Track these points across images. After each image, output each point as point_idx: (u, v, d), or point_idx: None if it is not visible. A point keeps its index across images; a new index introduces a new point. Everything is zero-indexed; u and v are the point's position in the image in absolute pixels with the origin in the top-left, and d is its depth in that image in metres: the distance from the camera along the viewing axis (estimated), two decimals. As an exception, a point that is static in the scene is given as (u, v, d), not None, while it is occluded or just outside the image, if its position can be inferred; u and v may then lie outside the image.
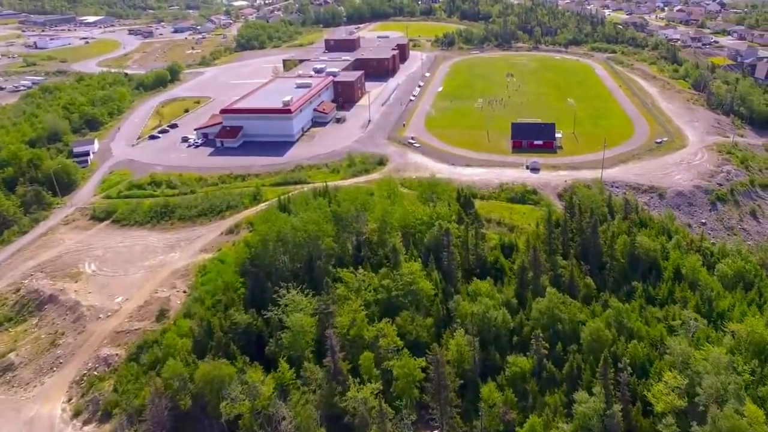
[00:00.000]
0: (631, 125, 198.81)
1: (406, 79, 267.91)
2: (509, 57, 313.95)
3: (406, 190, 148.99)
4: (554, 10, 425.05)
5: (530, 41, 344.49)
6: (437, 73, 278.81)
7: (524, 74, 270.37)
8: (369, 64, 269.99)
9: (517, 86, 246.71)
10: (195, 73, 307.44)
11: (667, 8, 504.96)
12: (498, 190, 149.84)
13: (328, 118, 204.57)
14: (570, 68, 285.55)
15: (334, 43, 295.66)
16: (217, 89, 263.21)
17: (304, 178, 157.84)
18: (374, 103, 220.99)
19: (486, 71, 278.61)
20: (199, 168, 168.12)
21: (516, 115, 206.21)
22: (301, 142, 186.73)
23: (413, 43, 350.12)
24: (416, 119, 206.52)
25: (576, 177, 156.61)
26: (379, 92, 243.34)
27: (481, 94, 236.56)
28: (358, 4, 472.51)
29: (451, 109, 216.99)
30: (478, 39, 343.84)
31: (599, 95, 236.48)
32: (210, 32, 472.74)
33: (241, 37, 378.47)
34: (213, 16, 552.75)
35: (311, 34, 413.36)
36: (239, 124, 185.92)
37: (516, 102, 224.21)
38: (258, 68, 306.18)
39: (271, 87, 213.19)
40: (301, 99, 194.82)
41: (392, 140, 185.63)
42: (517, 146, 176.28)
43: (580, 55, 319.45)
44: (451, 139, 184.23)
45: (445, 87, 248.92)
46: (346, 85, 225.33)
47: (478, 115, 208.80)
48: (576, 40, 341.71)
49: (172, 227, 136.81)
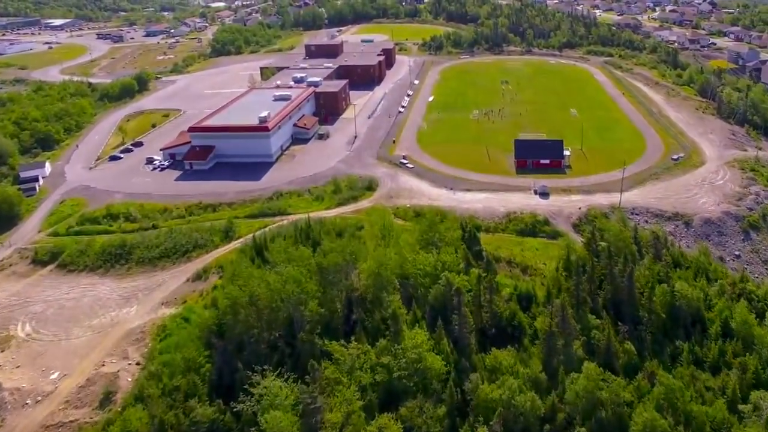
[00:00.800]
0: (642, 139, 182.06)
1: (393, 87, 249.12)
2: (502, 61, 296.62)
3: (400, 222, 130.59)
4: (545, 11, 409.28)
5: (522, 44, 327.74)
6: (427, 80, 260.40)
7: (519, 81, 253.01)
8: (353, 72, 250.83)
9: (514, 94, 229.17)
10: (166, 81, 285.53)
11: (659, 8, 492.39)
12: (505, 221, 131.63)
13: (310, 134, 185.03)
14: (567, 74, 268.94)
15: (315, 48, 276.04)
16: (188, 100, 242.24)
17: (284, 208, 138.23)
18: (360, 116, 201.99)
19: (479, 78, 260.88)
20: (163, 196, 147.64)
21: (516, 128, 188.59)
22: (280, 162, 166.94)
23: (399, 47, 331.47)
24: (407, 134, 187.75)
25: (590, 202, 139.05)
26: (365, 102, 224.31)
27: (476, 103, 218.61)
28: (340, 5, 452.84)
29: (444, 122, 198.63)
30: (467, 42, 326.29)
31: (602, 104, 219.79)
32: (184, 36, 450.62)
33: (216, 42, 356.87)
34: (188, 18, 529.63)
35: (291, 38, 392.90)
36: (210, 143, 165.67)
37: (514, 113, 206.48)
38: (234, 76, 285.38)
39: (247, 100, 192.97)
40: (280, 114, 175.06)
41: (382, 160, 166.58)
42: (522, 166, 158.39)
43: (575, 59, 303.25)
44: (447, 158, 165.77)
45: (436, 96, 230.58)
46: (329, 97, 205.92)
47: (475, 129, 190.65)
48: (570, 43, 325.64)
49: (128, 273, 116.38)
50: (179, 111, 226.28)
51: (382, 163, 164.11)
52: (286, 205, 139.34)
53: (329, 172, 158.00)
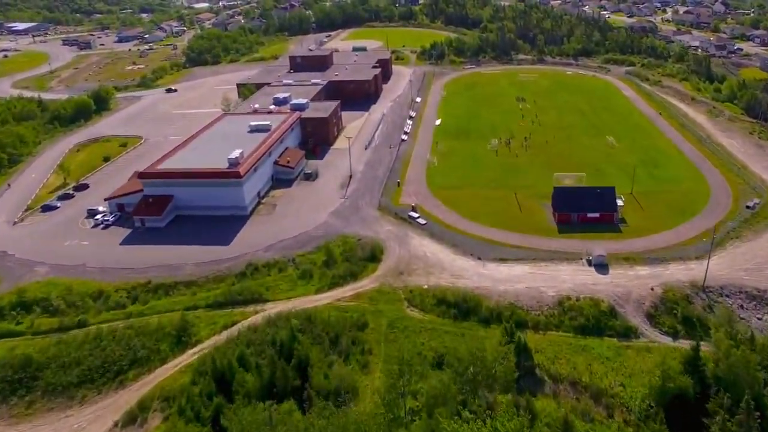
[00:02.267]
0: (701, 177, 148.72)
1: (392, 106, 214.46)
2: (512, 72, 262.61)
3: (416, 313, 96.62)
4: (551, 13, 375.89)
5: (533, 52, 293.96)
6: (430, 97, 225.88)
7: (537, 97, 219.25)
8: (346, 89, 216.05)
9: (534, 116, 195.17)
10: (130, 98, 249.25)
11: (670, 9, 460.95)
12: (558, 311, 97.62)
13: (294, 173, 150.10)
14: (589, 88, 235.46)
15: (301, 60, 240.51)
16: (153, 124, 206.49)
17: (258, 292, 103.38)
18: (355, 147, 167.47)
19: (489, 93, 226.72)
20: (102, 269, 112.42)
21: (546, 163, 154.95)
22: (256, 216, 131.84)
23: (395, 55, 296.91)
24: (414, 173, 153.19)
25: (664, 278, 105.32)
26: (359, 127, 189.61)
27: (491, 128, 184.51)
28: (329, 8, 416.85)
29: (457, 154, 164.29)
30: (471, 50, 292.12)
31: (640, 127, 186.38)
32: (159, 42, 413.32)
33: (191, 50, 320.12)
34: (164, 22, 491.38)
35: (275, 44, 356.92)
36: (168, 192, 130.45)
37: (539, 141, 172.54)
38: (209, 91, 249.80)
39: (217, 131, 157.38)
40: (257, 151, 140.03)
41: (385, 212, 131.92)
42: (564, 221, 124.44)
43: (594, 69, 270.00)
44: (467, 208, 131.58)
45: (443, 118, 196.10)
46: (317, 124, 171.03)
47: (496, 165, 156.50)
48: (586, 50, 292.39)
49: (27, 414, 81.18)
50: (140, 139, 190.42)
51: (386, 217, 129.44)
52: (262, 287, 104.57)
53: (319, 232, 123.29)
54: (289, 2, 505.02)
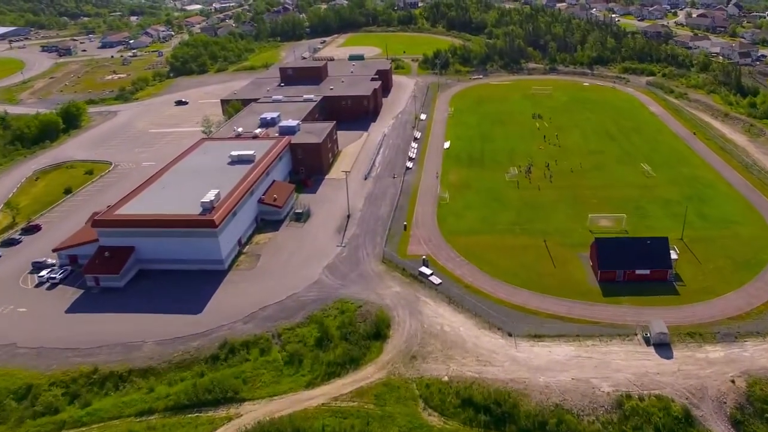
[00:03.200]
0: (759, 216, 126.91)
1: (394, 124, 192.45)
2: (524, 84, 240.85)
3: (435, 419, 75.09)
4: (558, 16, 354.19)
5: (544, 60, 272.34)
6: (436, 112, 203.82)
7: (555, 113, 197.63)
8: (342, 106, 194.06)
9: (555, 138, 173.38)
10: (105, 114, 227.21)
11: (681, 12, 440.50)
12: (616, 415, 75.67)
13: (282, 213, 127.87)
14: (611, 102, 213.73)
15: (292, 72, 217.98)
16: (127, 145, 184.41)
17: (233, 387, 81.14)
18: (353, 176, 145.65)
19: (501, 109, 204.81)
20: (38, 350, 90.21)
21: (575, 199, 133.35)
22: (235, 271, 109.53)
23: (395, 63, 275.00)
24: (423, 211, 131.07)
25: (746, 366, 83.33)
26: (357, 152, 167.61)
27: (508, 153, 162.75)
28: (323, 12, 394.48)
29: (471, 187, 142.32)
30: (478, 58, 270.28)
31: (675, 152, 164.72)
32: (144, 48, 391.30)
33: (174, 59, 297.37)
34: (151, 27, 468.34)
35: (266, 51, 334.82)
36: (128, 243, 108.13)
37: (563, 169, 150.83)
38: (192, 106, 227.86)
39: (191, 163, 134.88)
40: (237, 189, 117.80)
41: (390, 265, 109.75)
42: (608, 280, 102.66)
43: (612, 80, 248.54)
44: (488, 261, 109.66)
45: (453, 141, 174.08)
46: (310, 151, 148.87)
47: (516, 200, 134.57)
48: (601, 59, 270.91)
49: None
50: (109, 164, 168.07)
51: (392, 273, 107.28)
52: (239, 380, 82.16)
53: (311, 294, 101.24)
54: (282, 5, 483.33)
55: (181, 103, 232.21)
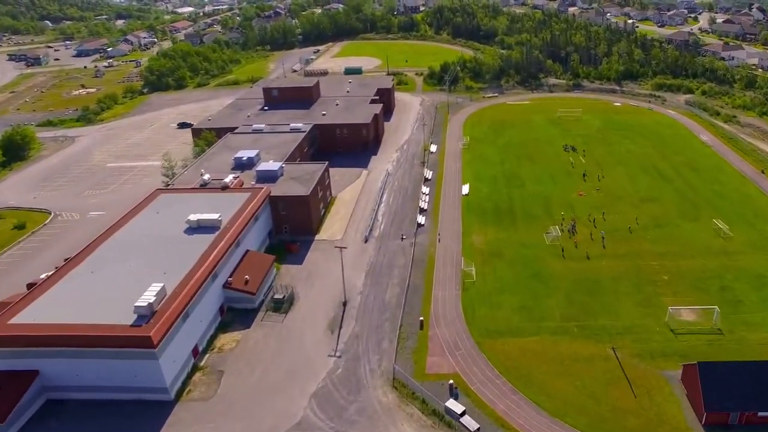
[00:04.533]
0: None
1: (398, 159, 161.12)
2: (546, 104, 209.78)
3: None
4: (572, 22, 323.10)
5: (566, 75, 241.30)
6: (448, 143, 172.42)
7: (589, 143, 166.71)
8: (336, 136, 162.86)
9: (597, 179, 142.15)
10: (60, 140, 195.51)
11: (702, 17, 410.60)
12: None
13: (256, 300, 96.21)
14: (652, 128, 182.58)
15: (278, 93, 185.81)
16: (75, 187, 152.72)
17: None
18: (351, 237, 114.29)
19: (525, 138, 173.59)
20: None
21: (638, 271, 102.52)
22: (184, 404, 77.63)
23: (397, 78, 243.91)
24: (443, 295, 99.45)
25: None
26: (355, 198, 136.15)
27: (543, 202, 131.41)
28: (317, 18, 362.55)
29: (503, 258, 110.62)
30: (491, 72, 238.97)
31: (748, 200, 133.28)
32: (123, 57, 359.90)
33: (149, 72, 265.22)
34: (133, 33, 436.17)
35: (253, 62, 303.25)
36: (30, 365, 76.37)
37: (615, 227, 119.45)
38: (162, 129, 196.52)
39: (136, 230, 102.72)
40: (192, 280, 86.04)
41: (404, 393, 77.98)
42: (718, 424, 71.42)
43: (646, 99, 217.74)
44: (540, 383, 78.39)
45: (472, 183, 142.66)
46: (295, 205, 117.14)
47: (564, 277, 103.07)
48: (630, 73, 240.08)
49: None
50: (48, 214, 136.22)
51: (407, 407, 75.63)
52: None
53: (290, 449, 69.59)
54: (274, 10, 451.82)
55: (184, 125, 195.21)
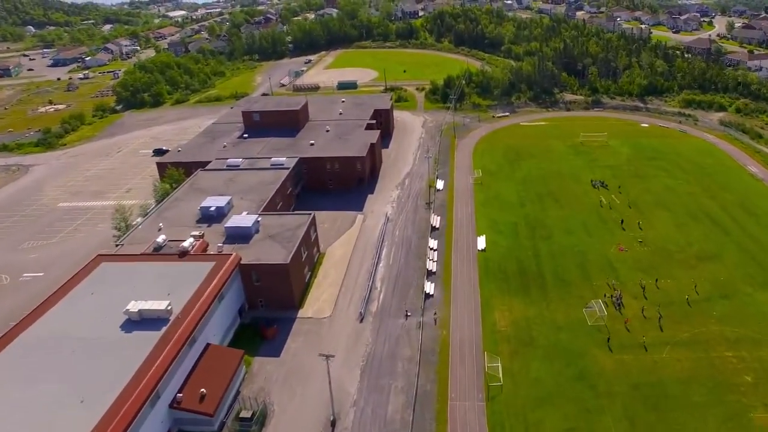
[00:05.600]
0: None
1: (399, 198, 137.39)
2: (565, 124, 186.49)
3: None
4: (584, 29, 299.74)
5: (584, 90, 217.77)
6: (457, 177, 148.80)
7: (621, 177, 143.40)
8: (326, 171, 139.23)
9: (638, 228, 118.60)
10: (12, 169, 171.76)
11: (717, 21, 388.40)
12: None
13: (214, 423, 72.24)
14: (689, 156, 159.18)
15: (259, 117, 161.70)
16: (15, 234, 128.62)
17: None
18: (342, 314, 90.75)
19: (546, 170, 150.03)
20: None
21: (710, 371, 78.76)
22: None
23: (396, 93, 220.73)
24: (460, 408, 75.72)
25: None
26: (348, 255, 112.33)
27: (578, 259, 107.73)
28: (310, 25, 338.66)
29: (536, 345, 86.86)
30: (500, 87, 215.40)
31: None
32: (102, 67, 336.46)
33: (122, 88, 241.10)
34: (114, 40, 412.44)
35: (240, 74, 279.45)
36: None
37: (673, 298, 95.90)
38: (130, 158, 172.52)
39: (61, 320, 78.71)
40: (122, 411, 62.05)
41: None
42: None
43: (675, 118, 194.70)
44: None
45: (489, 234, 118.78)
46: (272, 276, 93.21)
47: (619, 379, 79.36)
48: (654, 87, 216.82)
49: None
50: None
51: None
52: None
53: None
54: (264, 15, 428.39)
55: (160, 152, 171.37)
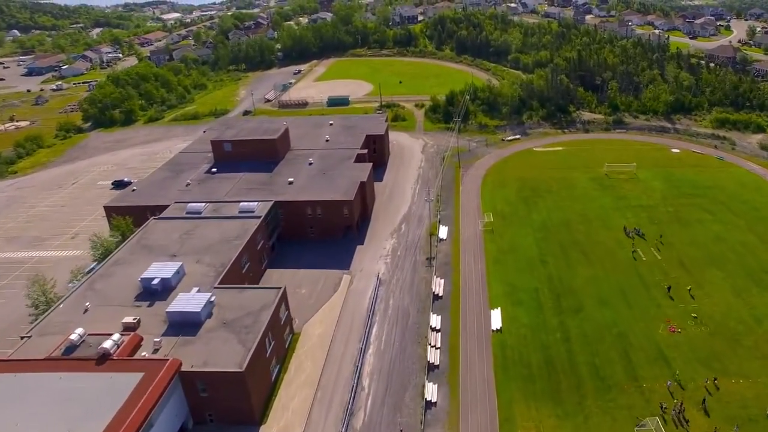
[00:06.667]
0: None
1: (394, 250, 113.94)
2: (585, 150, 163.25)
3: None
4: (596, 36, 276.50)
5: (603, 108, 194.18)
6: (462, 222, 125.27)
7: (658, 221, 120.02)
8: (306, 217, 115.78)
9: (690, 296, 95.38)
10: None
11: (734, 25, 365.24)
12: None
13: None
14: (737, 193, 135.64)
15: (231, 148, 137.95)
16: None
17: None
18: (315, 424, 67.73)
19: (570, 214, 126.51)
20: None
21: None
22: None
23: (393, 110, 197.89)
24: None
25: None
26: (328, 337, 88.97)
27: (618, 345, 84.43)
28: (301, 31, 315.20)
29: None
30: (509, 105, 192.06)
31: None
32: (79, 76, 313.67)
33: (90, 104, 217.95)
34: (95, 47, 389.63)
35: (222, 87, 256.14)
36: None
37: (748, 402, 72.59)
38: (86, 191, 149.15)
39: None
40: None
41: None
42: None
43: (709, 141, 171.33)
44: None
45: (505, 307, 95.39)
46: (224, 385, 69.74)
47: None
48: (681, 104, 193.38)
49: None
50: None
51: None
52: None
53: None
54: (255, 20, 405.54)
55: (121, 184, 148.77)
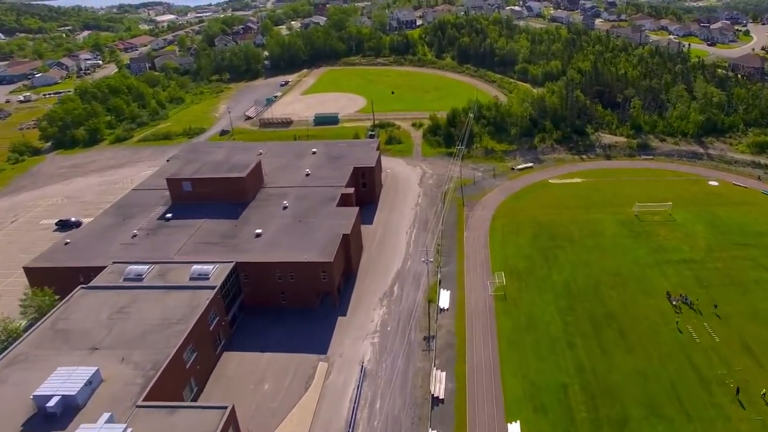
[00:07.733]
0: None
1: (383, 328, 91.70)
2: (609, 182, 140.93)
3: None
4: (606, 42, 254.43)
5: (625, 128, 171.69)
6: (468, 284, 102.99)
7: (709, 286, 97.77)
8: (275, 282, 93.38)
9: (762, 397, 73.00)
10: None
11: (753, 29, 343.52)
12: None
13: None
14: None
15: (192, 187, 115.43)
16: None
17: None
18: None
19: (598, 272, 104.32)
20: None
21: None
22: None
23: (387, 131, 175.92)
24: None
25: None
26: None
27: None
28: (290, 38, 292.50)
29: None
30: (519, 126, 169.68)
31: None
32: (52, 86, 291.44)
33: (49, 122, 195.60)
34: (77, 52, 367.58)
35: (202, 101, 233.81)
36: None
37: None
38: (25, 232, 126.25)
39: None
40: None
41: None
42: None
43: (749, 170, 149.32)
44: None
45: (524, 413, 73.11)
46: None
47: None
48: (713, 125, 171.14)
49: None
50: None
51: None
52: None
53: None
54: (244, 24, 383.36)
55: (66, 225, 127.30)
